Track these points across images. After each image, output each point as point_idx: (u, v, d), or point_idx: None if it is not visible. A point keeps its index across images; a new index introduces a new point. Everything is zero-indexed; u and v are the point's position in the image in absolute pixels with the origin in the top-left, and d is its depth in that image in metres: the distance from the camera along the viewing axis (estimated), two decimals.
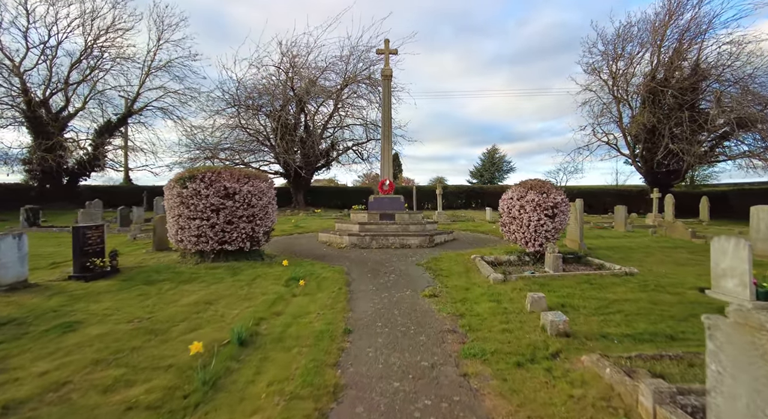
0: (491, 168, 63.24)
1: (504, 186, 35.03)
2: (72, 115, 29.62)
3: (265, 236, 9.74)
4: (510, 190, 9.86)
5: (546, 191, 9.29)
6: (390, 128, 14.10)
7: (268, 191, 9.57)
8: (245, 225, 9.18)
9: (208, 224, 8.93)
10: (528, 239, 9.28)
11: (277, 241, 13.81)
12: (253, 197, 9.21)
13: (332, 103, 29.19)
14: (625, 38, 25.18)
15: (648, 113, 22.89)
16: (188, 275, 8.15)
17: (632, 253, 10.13)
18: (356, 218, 13.65)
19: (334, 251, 11.63)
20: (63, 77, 28.09)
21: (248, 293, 6.96)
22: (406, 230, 12.63)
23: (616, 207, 15.59)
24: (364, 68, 28.10)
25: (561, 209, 9.27)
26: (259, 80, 27.74)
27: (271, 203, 9.75)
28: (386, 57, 14.14)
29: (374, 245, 11.97)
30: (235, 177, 9.16)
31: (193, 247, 9.12)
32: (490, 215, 21.78)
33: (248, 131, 28.44)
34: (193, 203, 8.89)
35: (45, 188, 28.76)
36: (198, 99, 30.41)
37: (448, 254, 10.61)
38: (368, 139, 30.75)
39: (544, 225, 9.11)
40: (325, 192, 35.88)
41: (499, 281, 7.55)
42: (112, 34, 28.27)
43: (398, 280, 8.20)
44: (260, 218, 9.40)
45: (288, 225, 17.44)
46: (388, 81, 14.13)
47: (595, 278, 7.50)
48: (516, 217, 9.47)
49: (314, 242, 13.45)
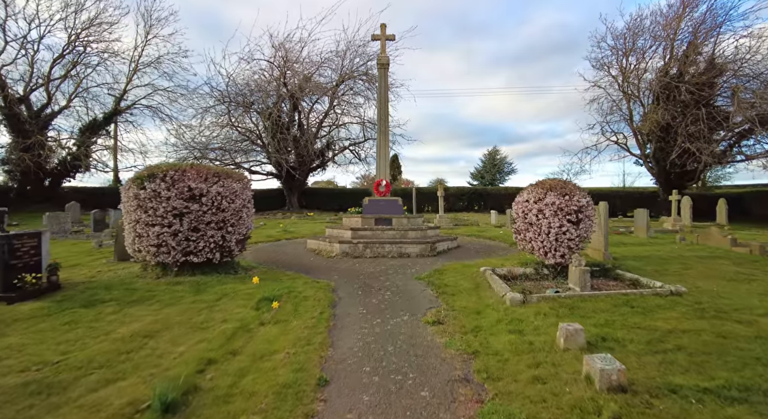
0: (492, 170, 62.07)
1: (509, 188, 33.64)
2: (55, 113, 28.25)
3: (238, 245, 8.34)
4: (525, 191, 8.47)
5: (568, 192, 7.91)
6: (387, 124, 12.73)
7: (242, 192, 8.19)
8: (214, 233, 7.80)
9: (169, 232, 7.54)
10: (547, 249, 7.89)
11: (260, 248, 12.42)
12: (223, 200, 7.83)
13: (328, 101, 27.84)
14: (636, 32, 23.86)
15: (662, 109, 21.53)
16: (142, 294, 6.78)
17: (666, 265, 8.74)
18: (349, 223, 12.28)
19: (323, 261, 10.24)
20: (44, 73, 26.73)
21: (206, 319, 5.58)
22: (405, 237, 11.24)
23: (636, 211, 14.23)
24: (361, 64, 26.82)
25: (586, 214, 7.89)
26: (251, 76, 26.46)
27: (246, 206, 8.36)
28: (382, 43, 12.77)
29: (368, 253, 10.58)
30: (203, 176, 7.77)
31: (153, 259, 7.73)
32: (495, 218, 20.38)
33: (239, 130, 27.09)
34: (152, 207, 7.50)
35: (25, 189, 27.35)
36: (188, 97, 29.05)
37: (452, 266, 9.22)
38: (366, 138, 29.39)
39: (567, 233, 7.72)
40: (321, 194, 34.48)
41: (517, 302, 6.16)
42: (96, 28, 26.94)
43: (394, 299, 6.82)
44: (232, 225, 8.01)
45: (276, 230, 16.05)
46: (384, 70, 12.76)
47: (634, 300, 6.11)
48: (533, 223, 8.08)
49: (302, 249, 12.06)
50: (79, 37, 26.70)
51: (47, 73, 26.82)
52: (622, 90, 25.00)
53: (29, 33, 25.92)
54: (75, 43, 26.74)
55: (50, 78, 26.91)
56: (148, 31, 28.68)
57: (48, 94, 27.35)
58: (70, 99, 28.28)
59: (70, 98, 28.25)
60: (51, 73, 26.90)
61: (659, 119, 21.33)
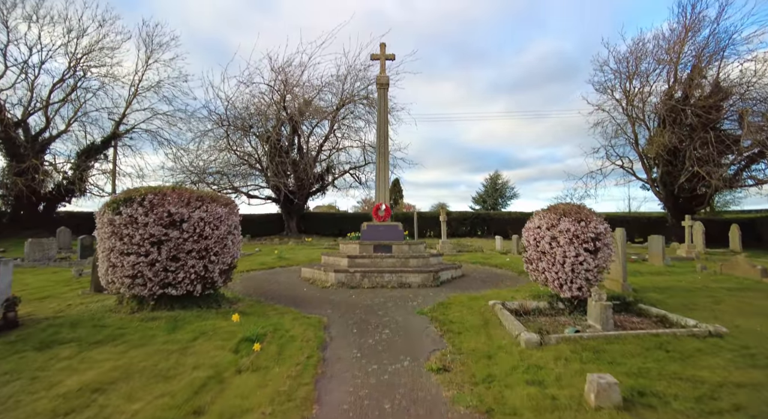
0: (494, 194, 61.64)
1: (512, 213, 32.91)
2: (54, 137, 27.92)
3: (222, 275, 7.61)
4: (536, 217, 7.79)
5: (584, 218, 7.24)
6: (387, 145, 12.19)
7: (227, 217, 7.52)
8: (195, 262, 7.09)
9: (146, 262, 6.83)
10: (563, 280, 7.15)
11: (252, 277, 11.66)
12: (206, 226, 7.15)
13: (328, 124, 27.52)
14: (638, 56, 23.65)
15: (669, 132, 21.06)
16: (110, 332, 6.02)
17: (694, 298, 7.95)
18: (346, 250, 11.54)
19: (317, 292, 9.46)
20: (44, 97, 26.57)
21: (175, 365, 4.81)
22: (406, 265, 10.49)
23: (650, 237, 13.48)
24: (361, 88, 26.62)
25: (605, 242, 7.18)
26: (250, 99, 26.23)
27: (231, 232, 7.67)
28: (382, 63, 12.37)
29: (366, 283, 9.81)
30: (184, 200, 7.12)
31: (127, 291, 7.00)
32: (500, 244, 19.58)
33: (237, 154, 26.67)
34: (128, 234, 6.83)
35: (19, 214, 26.76)
36: (187, 121, 28.80)
37: (458, 298, 8.44)
38: (366, 162, 28.91)
39: (584, 263, 7.00)
40: (320, 219, 33.78)
41: (534, 344, 5.39)
42: (97, 53, 26.93)
43: (394, 339, 6.04)
44: (215, 253, 7.31)
45: (270, 257, 15.29)
46: (384, 90, 12.31)
47: (668, 342, 5.33)
48: (546, 252, 7.36)
49: (295, 278, 11.28)
50: (80, 62, 26.67)
51: (47, 97, 26.67)
52: (627, 113, 24.63)
53: (30, 58, 25.91)
54: (75, 68, 26.69)
55: (49, 102, 26.73)
56: (149, 55, 28.69)
57: (47, 119, 27.12)
58: (69, 123, 28.00)
59: (69, 122, 27.97)
60: (50, 98, 26.73)
61: (666, 142, 20.82)
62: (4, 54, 25.25)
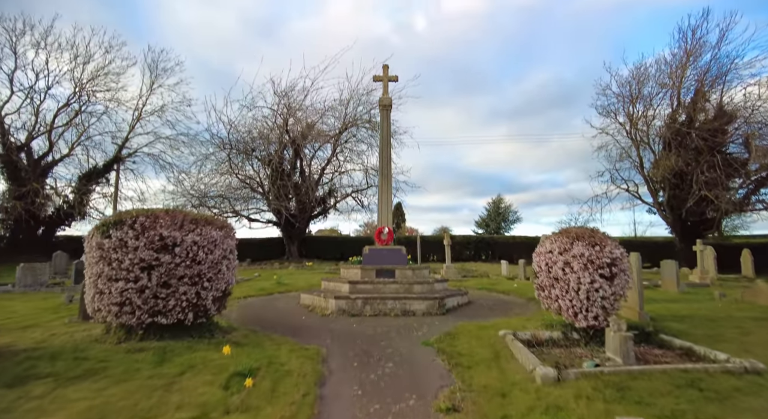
0: (497, 218, 61.33)
1: (517, 237, 32.38)
2: (56, 161, 27.92)
3: (216, 303, 7.18)
4: (547, 241, 7.39)
5: (598, 242, 6.84)
6: (389, 167, 11.92)
7: (222, 241, 7.15)
8: (187, 289, 6.68)
9: (135, 288, 6.44)
10: (578, 309, 6.70)
11: (249, 304, 11.19)
12: (200, 250, 6.78)
13: (330, 148, 27.49)
14: (641, 80, 23.71)
15: (675, 156, 20.83)
16: (92, 365, 5.57)
17: (718, 328, 7.45)
18: (347, 275, 11.10)
19: (316, 320, 8.98)
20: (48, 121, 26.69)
21: (158, 404, 4.37)
22: (410, 292, 10.02)
23: (663, 262, 13.01)
24: (364, 112, 26.68)
25: (621, 268, 6.77)
26: (253, 123, 26.28)
27: (227, 257, 7.29)
28: (384, 84, 12.26)
29: (368, 311, 9.33)
30: (177, 223, 6.78)
31: (114, 319, 6.58)
32: (507, 269, 19.04)
33: (239, 177, 26.53)
34: (117, 259, 6.46)
35: (18, 238, 26.45)
36: (189, 144, 28.78)
37: (465, 327, 7.96)
38: (369, 185, 28.68)
39: (600, 290, 6.57)
40: (321, 242, 33.35)
41: (551, 380, 4.93)
42: (102, 78, 27.22)
43: (398, 373, 5.57)
44: (209, 279, 6.90)
45: (269, 282, 14.82)
46: (387, 112, 12.13)
47: (700, 378, 4.85)
48: (559, 278, 6.94)
49: (294, 305, 10.81)
50: (85, 87, 26.90)
51: (51, 121, 26.78)
52: (631, 137, 24.50)
53: (36, 83, 26.17)
54: (80, 93, 26.90)
55: (53, 126, 26.83)
56: (154, 80, 28.94)
57: (50, 143, 27.15)
58: (72, 147, 27.97)
59: (73, 146, 27.96)
60: (54, 122, 26.85)
61: (672, 165, 20.56)
62: (11, 80, 25.55)
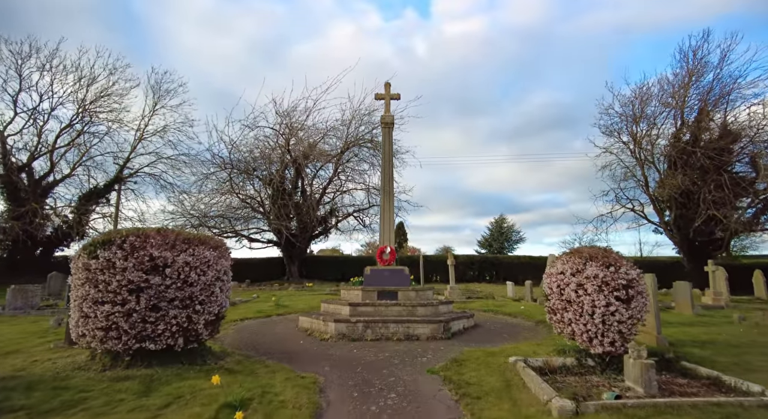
0: (500, 238, 60.75)
1: (521, 257, 31.76)
2: (57, 181, 27.80)
3: (208, 327, 6.79)
4: (558, 261, 7.01)
5: (613, 262, 6.47)
6: (391, 185, 11.63)
7: (216, 261, 6.80)
8: (178, 312, 6.31)
9: (122, 312, 6.07)
10: (593, 334, 6.27)
11: (245, 327, 10.74)
12: (192, 271, 6.43)
13: (332, 167, 27.33)
14: (643, 99, 23.62)
15: (681, 174, 20.54)
16: (71, 396, 5.17)
17: (744, 354, 6.98)
18: (347, 297, 10.67)
19: (314, 345, 8.53)
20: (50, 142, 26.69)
21: None
22: (413, 314, 9.58)
23: (676, 284, 12.52)
24: (366, 131, 26.62)
25: (638, 289, 6.37)
26: (254, 143, 26.22)
27: (220, 278, 6.92)
28: (386, 102, 12.10)
29: (369, 335, 8.87)
30: (169, 242, 6.45)
31: (99, 345, 6.19)
32: (512, 290, 18.49)
33: (240, 197, 26.31)
34: (104, 281, 6.11)
35: (15, 259, 26.11)
36: (191, 165, 28.67)
37: (473, 353, 7.49)
38: (371, 205, 28.40)
39: (616, 313, 6.16)
40: (322, 262, 32.87)
41: (568, 413, 4.51)
42: (106, 99, 27.33)
43: (401, 406, 5.13)
44: (201, 302, 6.53)
45: (268, 304, 14.35)
46: (389, 129, 11.93)
47: (735, 413, 4.41)
48: (572, 300, 6.54)
49: (292, 329, 10.35)
50: (88, 108, 26.98)
51: (53, 142, 26.78)
52: (635, 156, 24.28)
53: (40, 104, 26.27)
54: (83, 114, 26.98)
55: (55, 147, 26.81)
56: (156, 101, 29.06)
57: (51, 163, 27.08)
58: (74, 168, 27.88)
59: (74, 167, 27.86)
60: (56, 142, 26.84)
61: (678, 183, 20.24)
62: (15, 101, 25.68)
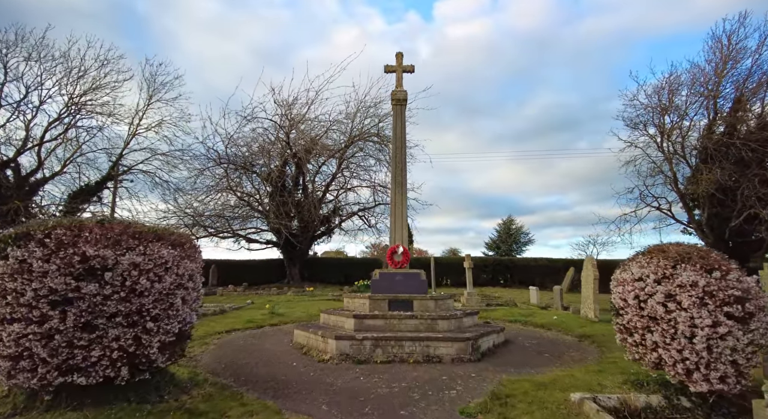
0: (508, 240, 58.96)
1: (539, 259, 29.45)
2: (47, 178, 26.22)
3: (165, 351, 5.05)
4: (634, 264, 5.23)
5: (717, 266, 4.71)
6: (404, 174, 9.81)
7: (177, 263, 5.07)
8: (121, 332, 4.59)
9: (39, 333, 4.37)
10: (692, 364, 4.52)
11: (230, 341, 9.01)
12: (142, 276, 4.71)
13: (335, 163, 25.56)
14: (672, 89, 21.75)
15: (719, 169, 18.63)
16: None
17: None
18: (351, 306, 8.91)
19: (310, 369, 6.77)
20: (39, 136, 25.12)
21: None
22: (433, 329, 7.81)
23: None
24: (372, 125, 24.86)
25: (758, 304, 4.60)
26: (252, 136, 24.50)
27: (183, 285, 5.19)
28: (398, 75, 10.33)
29: (379, 356, 7.11)
30: (111, 238, 4.74)
31: (5, 380, 4.49)
32: (536, 296, 16.56)
33: (237, 194, 24.63)
34: (15, 289, 4.41)
35: None
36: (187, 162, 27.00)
37: (516, 384, 5.68)
38: (377, 203, 26.56)
39: (729, 337, 4.41)
40: (325, 264, 31.06)
41: None
42: (97, 91, 25.74)
43: None
44: (155, 318, 4.81)
45: (261, 312, 12.59)
46: (401, 108, 10.14)
47: None
48: (659, 317, 4.77)
49: (285, 344, 8.60)
50: (79, 101, 25.43)
51: (41, 136, 25.22)
52: (662, 150, 22.36)
53: (27, 97, 24.71)
54: (73, 107, 25.43)
55: (43, 141, 25.25)
56: (151, 95, 27.45)
57: (39, 159, 25.50)
58: (65, 164, 26.32)
59: (65, 163, 26.27)
60: (44, 137, 25.28)
61: (717, 178, 18.31)
62: (0, 93, 24.11)
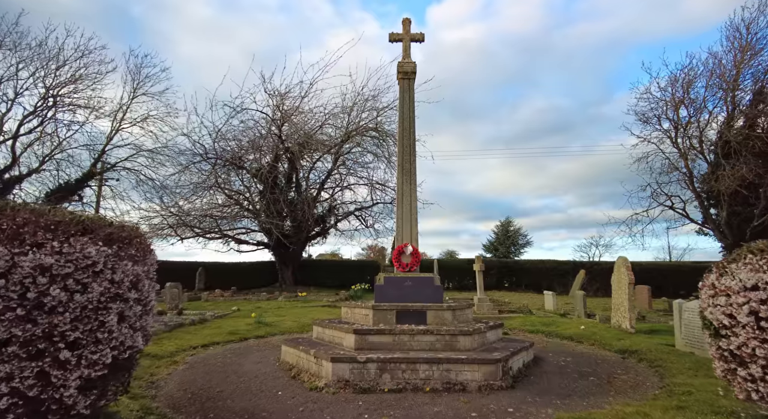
0: (506, 241, 58.21)
1: (546, 261, 27.68)
2: (22, 176, 24.57)
3: (90, 392, 3.56)
4: (743, 268, 3.81)
5: None
6: (413, 159, 8.28)
7: (113, 266, 3.60)
8: (18, 367, 3.11)
9: None
10: None
11: (204, 360, 7.50)
12: (53, 285, 3.23)
13: (331, 159, 24.12)
14: (686, 81, 20.59)
15: (744, 165, 17.43)
16: None
17: None
18: (351, 318, 7.44)
19: (299, 400, 5.29)
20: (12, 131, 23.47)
21: None
22: (453, 348, 6.35)
23: None
24: (370, 119, 23.45)
25: None
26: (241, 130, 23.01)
27: (122, 297, 3.71)
28: (405, 45, 8.86)
29: (387, 383, 5.66)
30: (6, 229, 3.27)
31: None
32: (553, 302, 15.16)
33: (226, 192, 23.11)
34: None
35: None
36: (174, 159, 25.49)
37: None
38: (374, 202, 25.15)
39: None
40: (319, 267, 29.56)
41: None
42: (77, 84, 24.14)
43: None
44: (74, 343, 3.33)
45: (246, 322, 11.05)
46: (409, 82, 8.67)
47: None
48: None
49: (271, 364, 7.11)
50: (57, 94, 23.81)
51: (15, 131, 23.56)
52: (677, 146, 21.17)
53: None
54: (50, 99, 23.80)
55: (17, 135, 23.60)
56: (136, 87, 25.89)
57: (13, 155, 23.86)
58: (44, 161, 24.68)
59: (43, 160, 24.67)
60: (19, 131, 23.63)
61: (744, 175, 17.08)
62: None
